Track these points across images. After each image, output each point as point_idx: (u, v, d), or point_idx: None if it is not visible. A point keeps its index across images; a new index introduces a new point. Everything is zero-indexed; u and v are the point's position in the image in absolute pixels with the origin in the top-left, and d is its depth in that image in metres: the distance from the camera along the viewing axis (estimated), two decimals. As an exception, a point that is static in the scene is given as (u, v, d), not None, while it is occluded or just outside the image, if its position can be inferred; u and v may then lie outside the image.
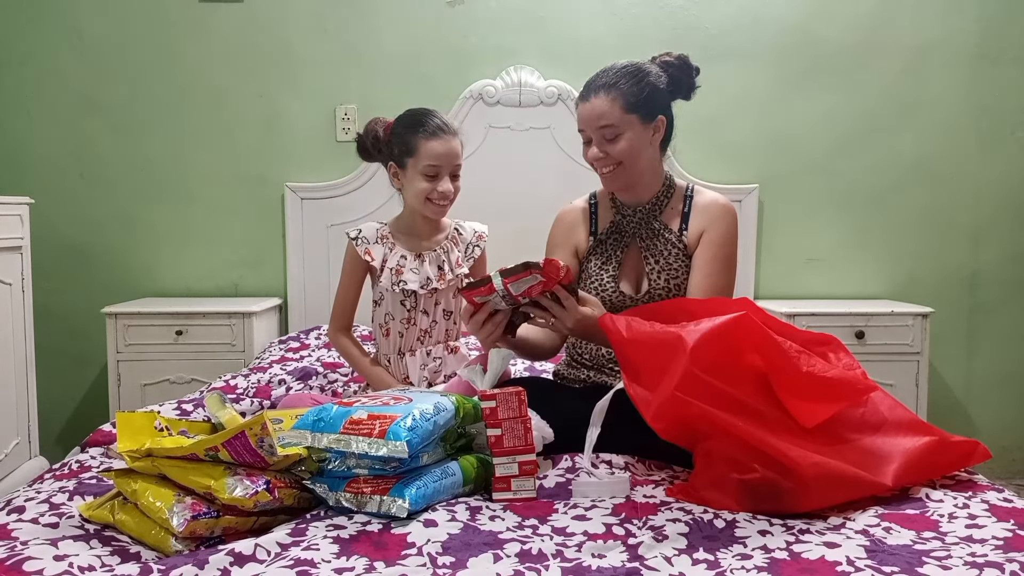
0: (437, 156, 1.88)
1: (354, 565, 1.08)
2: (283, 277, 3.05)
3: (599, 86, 1.67)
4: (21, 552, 1.10)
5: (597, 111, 1.66)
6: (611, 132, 1.66)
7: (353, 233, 1.99)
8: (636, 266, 1.76)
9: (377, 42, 3.00)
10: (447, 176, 1.91)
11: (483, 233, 2.06)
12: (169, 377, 2.69)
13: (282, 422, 1.45)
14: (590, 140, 1.70)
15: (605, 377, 1.74)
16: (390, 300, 1.97)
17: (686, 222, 1.75)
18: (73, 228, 3.03)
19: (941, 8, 2.98)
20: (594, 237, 1.80)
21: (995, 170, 3.03)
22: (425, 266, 1.96)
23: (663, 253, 1.73)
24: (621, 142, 1.66)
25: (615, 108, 1.65)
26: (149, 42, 2.99)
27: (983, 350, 3.08)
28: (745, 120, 3.01)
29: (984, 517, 1.24)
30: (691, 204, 1.76)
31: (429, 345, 1.99)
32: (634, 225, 1.77)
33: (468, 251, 2.02)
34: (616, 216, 1.79)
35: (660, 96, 1.70)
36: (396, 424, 1.25)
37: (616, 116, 1.65)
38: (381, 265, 1.96)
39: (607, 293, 1.73)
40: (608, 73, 1.68)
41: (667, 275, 1.72)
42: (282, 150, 3.03)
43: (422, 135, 1.89)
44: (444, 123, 1.91)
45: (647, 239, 1.75)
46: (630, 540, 1.17)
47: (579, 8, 3.00)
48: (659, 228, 1.75)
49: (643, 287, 1.74)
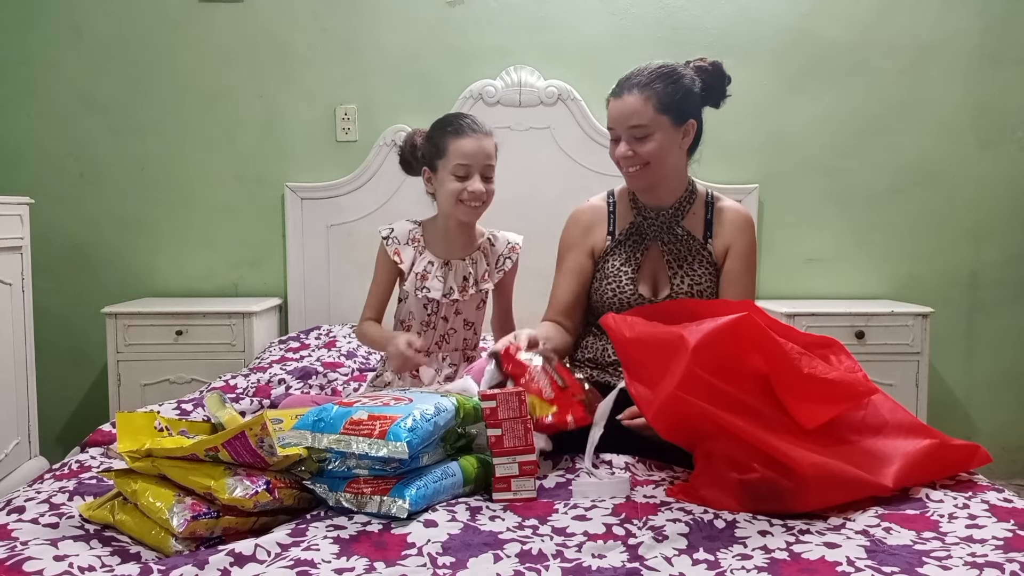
0: (466, 155, 1.84)
1: (354, 565, 1.08)
2: (283, 277, 3.05)
3: (633, 84, 1.66)
4: (21, 552, 1.10)
5: (629, 108, 1.65)
6: (641, 132, 1.65)
7: (385, 232, 1.96)
8: (655, 269, 1.76)
9: (377, 42, 3.00)
10: (478, 176, 1.85)
11: (516, 245, 2.01)
12: (169, 377, 2.69)
13: (282, 422, 1.45)
14: (618, 138, 1.69)
15: (608, 377, 1.74)
16: (413, 301, 1.95)
17: (710, 230, 1.75)
18: (73, 228, 3.03)
19: (941, 8, 2.97)
20: (612, 237, 1.79)
21: (995, 170, 3.02)
22: (451, 276, 1.94)
23: (687, 259, 1.74)
24: (650, 142, 1.66)
25: (648, 107, 1.64)
26: (149, 42, 2.99)
27: (983, 350, 3.07)
28: (745, 120, 3.00)
29: (984, 517, 1.24)
30: (713, 212, 1.77)
31: (447, 351, 1.97)
32: (656, 228, 1.76)
33: (499, 263, 1.99)
34: (637, 217, 1.78)
35: (693, 100, 1.70)
36: (396, 425, 1.25)
37: (648, 116, 1.64)
38: (409, 267, 1.94)
39: (625, 295, 1.73)
40: (643, 72, 1.67)
41: (691, 280, 1.72)
42: (282, 150, 3.03)
43: (451, 134, 1.86)
44: (475, 123, 1.88)
45: (669, 243, 1.75)
46: (630, 540, 1.17)
47: (579, 8, 3.00)
48: (682, 234, 1.75)
49: (663, 291, 1.73)
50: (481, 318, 2.01)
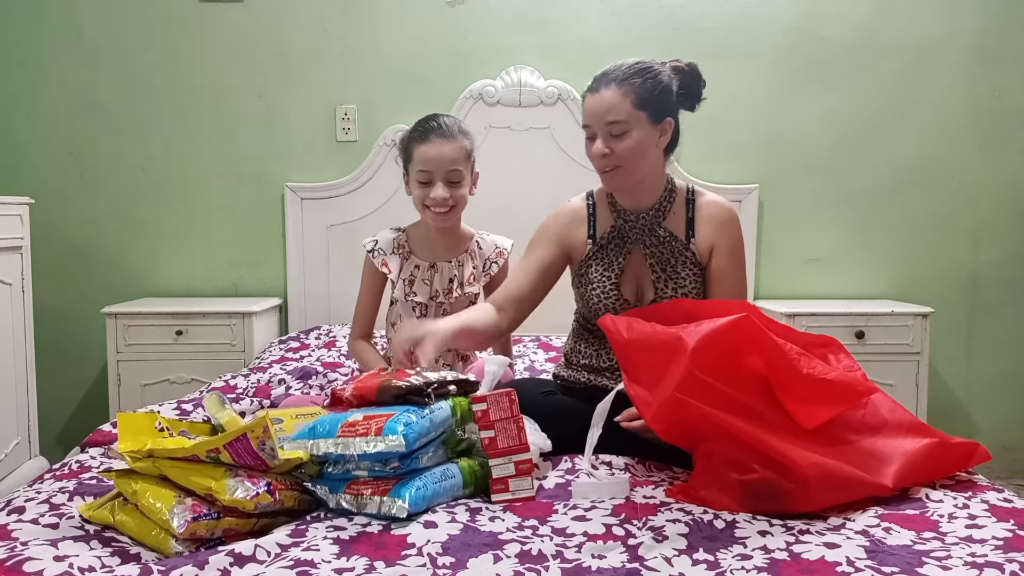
0: (426, 160, 1.83)
1: (354, 565, 1.08)
2: (283, 277, 3.05)
3: (611, 79, 1.61)
4: (21, 552, 1.10)
5: (607, 103, 1.60)
6: (619, 128, 1.60)
7: (369, 245, 1.97)
8: (637, 273, 1.71)
9: (377, 42, 3.00)
10: (441, 182, 1.84)
11: (504, 250, 2.01)
12: (169, 377, 2.69)
13: (282, 421, 1.45)
14: (594, 136, 1.64)
15: (604, 380, 1.73)
16: (402, 305, 1.97)
17: (692, 229, 1.70)
18: (73, 228, 3.03)
19: (941, 8, 2.97)
20: (593, 241, 1.74)
21: (995, 170, 3.02)
22: (436, 278, 1.94)
23: (670, 261, 1.69)
24: (627, 140, 1.61)
25: (625, 103, 1.59)
26: (149, 42, 2.99)
27: (983, 350, 3.07)
28: (745, 120, 3.00)
29: (984, 517, 1.24)
30: (694, 209, 1.71)
31: None
32: (637, 231, 1.71)
33: (485, 267, 1.98)
34: (617, 220, 1.73)
35: (670, 98, 1.65)
36: (392, 420, 1.25)
37: (626, 111, 1.59)
38: (397, 275, 1.95)
39: (609, 300, 1.69)
40: (620, 68, 1.63)
41: (675, 284, 1.68)
42: (282, 150, 3.03)
43: (416, 140, 1.86)
44: (442, 126, 1.85)
45: (652, 246, 1.70)
46: (630, 541, 1.17)
47: (579, 8, 3.00)
48: (664, 236, 1.70)
49: (647, 295, 1.70)
50: None
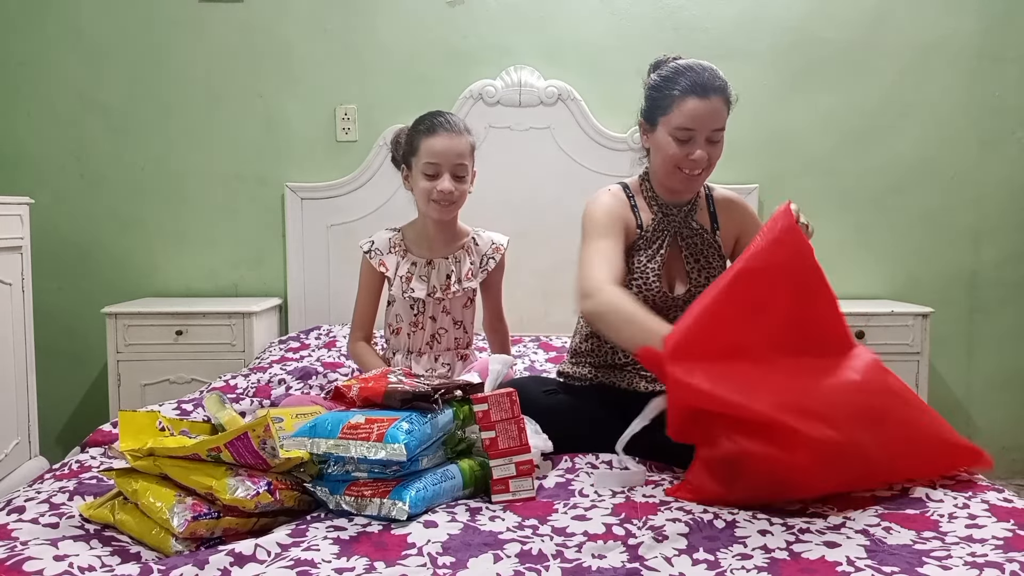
0: (435, 153, 1.86)
1: (354, 565, 1.08)
2: (283, 277, 3.05)
3: (715, 87, 1.62)
4: (21, 552, 1.10)
5: (716, 111, 1.63)
6: (719, 135, 1.65)
7: (366, 246, 1.98)
8: (673, 265, 1.74)
9: (377, 42, 3.00)
10: (448, 175, 1.88)
11: (500, 245, 2.02)
12: (169, 377, 2.69)
13: (283, 420, 1.45)
14: (689, 139, 1.63)
15: (613, 378, 1.73)
16: (400, 304, 1.98)
17: (715, 221, 1.78)
18: (73, 228, 3.02)
19: (941, 8, 2.97)
20: (640, 231, 1.73)
21: (995, 170, 3.02)
22: (434, 274, 1.95)
23: (703, 252, 1.75)
24: (720, 145, 1.67)
25: (725, 110, 1.65)
26: (149, 42, 2.99)
27: (983, 350, 3.07)
28: (745, 120, 2.99)
29: (984, 517, 1.24)
30: (713, 203, 1.79)
31: (439, 351, 1.98)
32: (676, 224, 1.74)
33: (482, 263, 2.00)
34: (658, 214, 1.74)
35: None
36: (394, 427, 1.25)
37: (724, 118, 1.65)
38: (395, 273, 1.96)
39: (651, 291, 1.69)
40: (716, 75, 1.64)
41: (707, 274, 1.73)
42: (282, 150, 3.03)
43: (423, 133, 1.88)
44: (450, 122, 1.89)
45: (687, 238, 1.75)
46: (630, 540, 1.17)
47: (579, 8, 3.00)
48: (697, 228, 1.75)
49: (678, 288, 1.72)
50: (471, 317, 2.02)
